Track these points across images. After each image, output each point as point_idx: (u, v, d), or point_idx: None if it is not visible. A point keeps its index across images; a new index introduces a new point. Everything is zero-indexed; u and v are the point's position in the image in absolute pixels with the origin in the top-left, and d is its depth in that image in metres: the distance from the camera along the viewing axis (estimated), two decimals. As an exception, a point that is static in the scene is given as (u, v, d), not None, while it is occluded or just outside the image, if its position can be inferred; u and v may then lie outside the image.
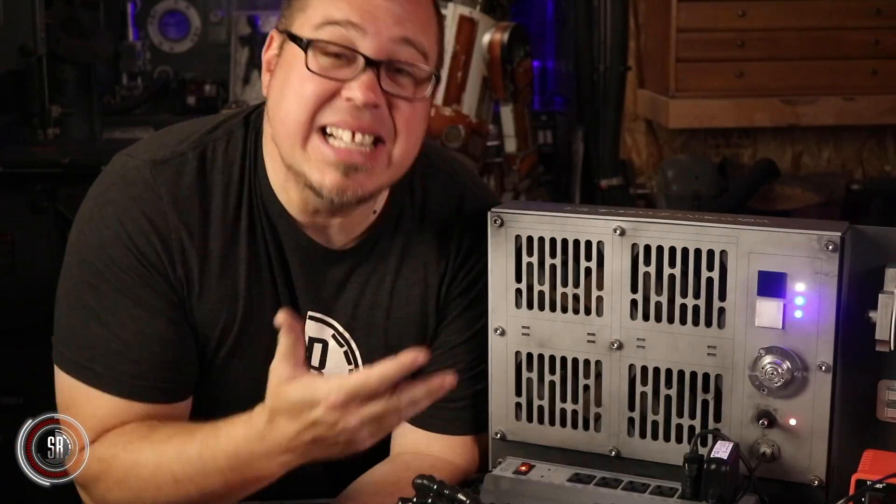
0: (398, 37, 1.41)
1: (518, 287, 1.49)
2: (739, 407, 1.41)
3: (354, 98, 1.39)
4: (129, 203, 1.47)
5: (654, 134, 4.23)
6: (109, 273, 1.47)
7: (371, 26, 1.40)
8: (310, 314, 1.57)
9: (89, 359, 1.47)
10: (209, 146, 1.52)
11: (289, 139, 1.43)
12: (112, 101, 4.69)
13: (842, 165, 4.19)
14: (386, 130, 1.42)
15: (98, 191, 1.52)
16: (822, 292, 1.35)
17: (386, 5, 1.41)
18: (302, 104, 1.41)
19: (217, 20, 4.80)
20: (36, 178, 3.17)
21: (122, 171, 1.51)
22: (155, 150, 1.51)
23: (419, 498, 1.31)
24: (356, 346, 1.58)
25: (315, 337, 1.58)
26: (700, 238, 1.40)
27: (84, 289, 1.48)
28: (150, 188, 1.47)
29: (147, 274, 1.47)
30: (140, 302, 1.47)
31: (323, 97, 1.41)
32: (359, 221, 1.55)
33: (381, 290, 1.57)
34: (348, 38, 1.40)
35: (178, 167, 1.49)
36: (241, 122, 1.56)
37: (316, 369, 1.59)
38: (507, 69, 3.23)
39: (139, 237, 1.46)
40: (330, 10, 1.41)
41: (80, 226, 1.51)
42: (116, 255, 1.47)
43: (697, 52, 3.89)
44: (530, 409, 1.52)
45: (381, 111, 1.41)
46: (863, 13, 3.90)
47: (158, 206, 1.47)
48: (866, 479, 1.27)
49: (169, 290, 1.48)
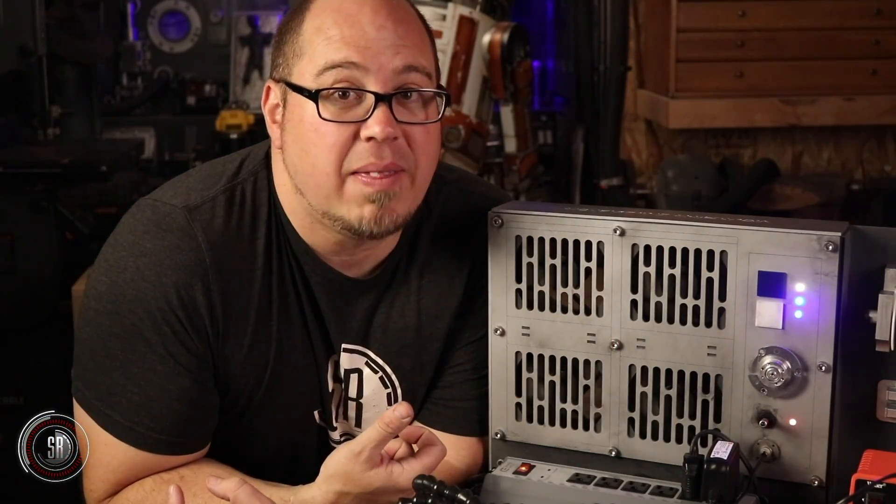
0: (401, 66, 1.41)
1: (518, 287, 1.49)
2: (739, 407, 1.41)
3: (374, 135, 1.39)
4: (168, 254, 1.44)
5: (654, 134, 4.23)
6: (143, 327, 1.44)
7: (373, 63, 1.40)
8: (344, 346, 1.56)
9: (109, 406, 1.47)
10: (237, 188, 1.50)
11: (322, 189, 1.42)
12: (112, 101, 4.69)
13: (842, 165, 4.19)
14: (406, 161, 1.43)
15: (130, 239, 1.46)
16: (822, 292, 1.35)
17: (381, 36, 1.40)
18: (326, 155, 1.40)
19: (217, 20, 4.81)
20: (36, 178, 3.18)
21: (154, 218, 1.46)
22: (185, 196, 1.48)
23: (419, 498, 1.31)
24: (391, 371, 1.59)
25: (350, 368, 1.58)
26: (700, 238, 1.40)
27: (112, 339, 1.46)
28: (188, 235, 1.44)
29: (182, 330, 1.44)
30: (168, 359, 1.45)
31: (344, 143, 1.40)
32: (384, 250, 1.55)
33: (407, 311, 1.57)
34: (353, 78, 1.40)
35: (211, 211, 1.47)
36: (262, 162, 1.54)
37: (354, 400, 1.59)
38: (507, 69, 3.23)
39: (179, 291, 1.43)
40: (328, 54, 1.40)
41: (111, 276, 1.46)
42: (153, 310, 1.43)
43: (697, 53, 3.89)
44: (530, 409, 1.52)
45: (400, 142, 1.41)
46: (863, 13, 3.90)
47: (198, 255, 1.44)
48: (866, 480, 1.27)
49: (201, 345, 1.46)
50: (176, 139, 4.56)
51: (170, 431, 1.46)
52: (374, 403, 1.59)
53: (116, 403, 1.46)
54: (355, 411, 1.60)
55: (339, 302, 1.54)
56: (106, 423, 1.47)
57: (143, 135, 4.48)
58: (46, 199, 3.18)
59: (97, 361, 1.47)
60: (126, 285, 1.44)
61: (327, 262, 1.51)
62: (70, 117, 3.90)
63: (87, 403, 1.48)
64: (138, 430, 1.46)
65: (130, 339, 1.45)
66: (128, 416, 1.46)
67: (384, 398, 1.59)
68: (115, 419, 1.46)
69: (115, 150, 3.62)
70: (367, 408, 1.59)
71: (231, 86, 4.66)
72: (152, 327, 1.44)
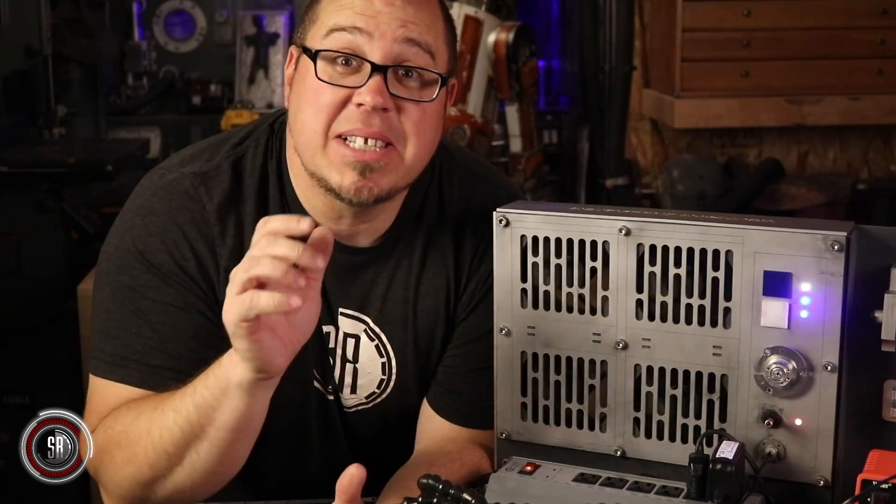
0: (403, 38, 1.45)
1: (523, 287, 1.49)
2: (745, 407, 1.41)
3: (364, 102, 1.43)
4: (175, 213, 1.51)
5: (659, 134, 4.22)
6: (153, 274, 1.50)
7: (376, 30, 1.44)
8: (342, 311, 1.60)
9: (124, 357, 1.49)
10: (242, 156, 1.57)
11: (309, 148, 1.47)
12: (117, 100, 4.69)
13: (847, 165, 4.19)
14: (395, 135, 1.46)
15: (138, 203, 1.54)
16: (828, 292, 1.35)
17: (389, 10, 1.45)
18: (317, 114, 1.45)
19: (222, 20, 4.81)
20: (42, 177, 3.19)
21: (161, 183, 1.54)
22: (191, 163, 1.56)
23: (425, 497, 1.31)
24: (387, 340, 1.61)
25: (349, 332, 1.61)
26: (705, 238, 1.40)
27: (123, 292, 1.51)
28: (193, 198, 1.52)
29: (187, 280, 1.50)
30: (178, 301, 1.50)
31: (335, 106, 1.45)
32: (383, 223, 1.58)
33: (408, 284, 1.60)
34: (355, 44, 1.44)
35: (216, 177, 1.54)
36: (266, 129, 1.60)
37: (351, 362, 1.62)
38: (513, 69, 3.24)
39: (187, 243, 1.50)
40: (336, 18, 1.45)
41: (119, 235, 1.54)
42: (159, 261, 1.50)
43: (703, 52, 3.89)
44: (536, 409, 1.52)
45: (390, 115, 1.45)
46: (868, 13, 3.89)
47: (203, 216, 1.51)
48: (872, 480, 1.27)
49: (209, 292, 1.51)
50: (181, 139, 4.55)
51: (186, 370, 1.47)
52: (368, 371, 1.62)
53: (132, 353, 1.49)
54: (352, 377, 1.62)
55: (338, 269, 1.56)
56: (123, 377, 1.49)
57: (149, 134, 4.48)
58: (52, 198, 3.18)
59: (112, 319, 1.51)
60: (134, 241, 1.51)
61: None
62: (76, 117, 3.90)
63: (103, 367, 1.51)
64: (155, 371, 1.48)
65: (141, 288, 1.50)
66: (144, 360, 1.48)
67: (379, 366, 1.62)
68: (130, 368, 1.49)
69: (120, 150, 3.63)
70: (362, 374, 1.62)
71: (236, 85, 4.66)
72: (161, 275, 1.50)
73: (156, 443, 1.41)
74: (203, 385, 1.38)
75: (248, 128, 1.62)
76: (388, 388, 1.63)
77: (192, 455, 1.41)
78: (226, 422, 1.38)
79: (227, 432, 1.38)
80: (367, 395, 1.63)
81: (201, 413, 1.38)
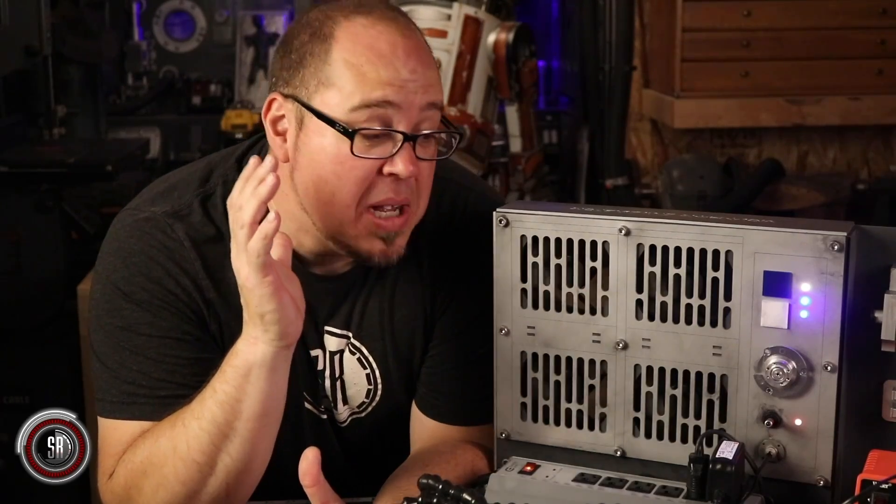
0: (425, 105, 1.46)
1: (523, 287, 1.49)
2: (745, 407, 1.41)
3: (399, 173, 1.44)
4: (154, 251, 1.51)
5: (659, 134, 4.22)
6: (142, 312, 1.50)
7: (404, 102, 1.44)
8: (327, 329, 1.61)
9: (132, 394, 1.49)
10: (211, 194, 1.56)
11: (335, 219, 1.47)
12: (117, 100, 4.70)
13: (847, 165, 4.19)
14: (412, 196, 1.49)
15: (116, 245, 1.54)
16: (828, 292, 1.35)
17: (413, 78, 1.44)
18: (349, 188, 1.45)
19: (222, 20, 4.81)
20: (41, 177, 3.19)
21: (136, 225, 1.54)
22: (161, 203, 1.55)
23: (424, 498, 1.31)
24: (367, 352, 1.62)
25: (334, 350, 1.62)
26: (705, 238, 1.40)
27: (118, 333, 1.50)
28: (169, 236, 1.52)
29: (177, 311, 1.50)
30: (174, 332, 1.50)
31: (369, 178, 1.45)
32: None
33: (384, 296, 1.61)
34: (386, 117, 1.44)
35: (188, 216, 1.54)
36: (233, 165, 1.59)
37: (338, 378, 1.63)
38: (512, 69, 3.23)
39: (169, 280, 1.50)
40: (365, 92, 1.43)
41: (103, 280, 1.53)
42: (147, 298, 1.50)
43: (703, 52, 3.89)
44: (535, 409, 1.52)
45: (412, 179, 1.47)
46: (868, 13, 3.89)
47: (182, 252, 1.52)
48: (872, 480, 1.27)
49: (200, 323, 1.52)
50: (181, 139, 4.56)
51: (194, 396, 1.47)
52: (354, 382, 1.63)
53: (139, 389, 1.48)
54: (341, 391, 1.64)
55: (323, 297, 1.58)
56: (133, 413, 1.49)
57: (149, 134, 4.48)
58: (52, 198, 3.18)
59: (112, 361, 1.50)
60: (117, 284, 1.51)
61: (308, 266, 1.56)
62: (75, 117, 3.90)
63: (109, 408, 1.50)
64: (165, 401, 1.48)
65: (134, 326, 1.50)
66: (153, 393, 1.48)
67: (363, 377, 1.63)
68: (139, 404, 1.48)
69: (120, 150, 3.63)
70: (349, 386, 1.64)
71: (236, 85, 4.66)
72: (152, 309, 1.49)
73: (184, 457, 1.41)
74: (221, 382, 1.40)
75: (211, 162, 1.61)
76: (377, 397, 1.64)
77: (224, 458, 1.41)
78: (253, 410, 1.40)
79: (255, 421, 1.41)
80: (358, 405, 1.65)
81: (226, 409, 1.40)
